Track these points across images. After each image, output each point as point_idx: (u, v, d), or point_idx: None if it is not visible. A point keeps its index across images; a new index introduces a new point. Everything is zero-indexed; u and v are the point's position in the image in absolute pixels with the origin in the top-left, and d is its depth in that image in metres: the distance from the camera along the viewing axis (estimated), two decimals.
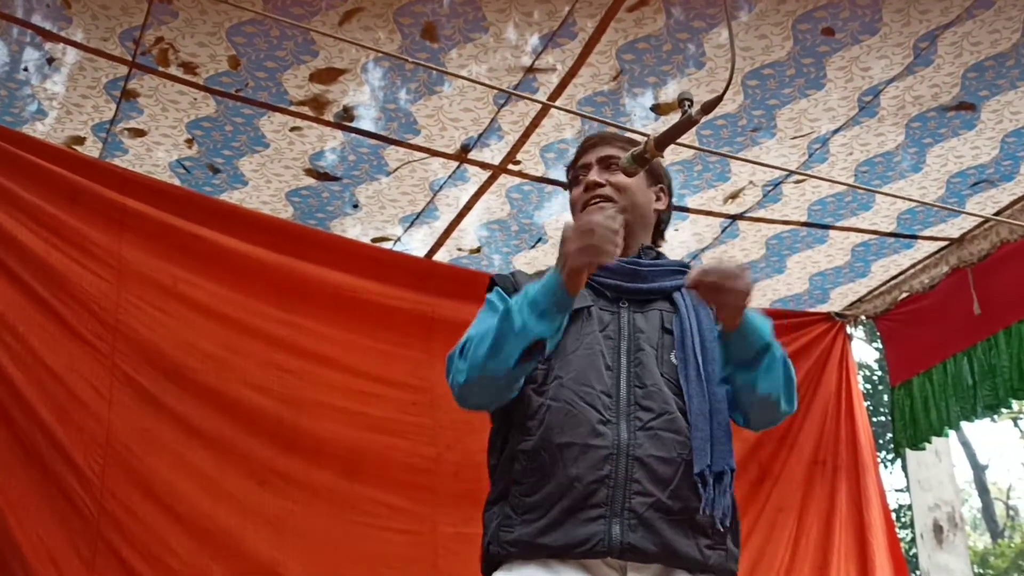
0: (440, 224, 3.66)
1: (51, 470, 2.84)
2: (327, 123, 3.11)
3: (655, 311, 1.92)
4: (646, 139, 1.86)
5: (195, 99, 3.00)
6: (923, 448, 4.40)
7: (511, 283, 1.97)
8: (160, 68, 2.87)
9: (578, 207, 2.04)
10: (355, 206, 3.50)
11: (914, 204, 3.60)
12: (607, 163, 2.02)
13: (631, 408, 1.80)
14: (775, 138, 3.26)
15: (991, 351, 3.83)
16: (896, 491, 13.51)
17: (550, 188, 3.48)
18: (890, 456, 12.59)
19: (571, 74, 2.95)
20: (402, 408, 3.41)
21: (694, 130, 2.79)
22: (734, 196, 3.56)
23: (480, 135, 3.18)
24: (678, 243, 3.80)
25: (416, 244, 3.77)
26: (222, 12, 2.67)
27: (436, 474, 3.39)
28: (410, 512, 3.33)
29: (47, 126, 3.11)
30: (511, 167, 3.36)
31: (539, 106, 3.05)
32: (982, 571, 15.53)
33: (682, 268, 1.99)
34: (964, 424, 4.13)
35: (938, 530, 6.07)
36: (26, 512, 2.79)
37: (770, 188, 3.53)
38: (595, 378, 1.82)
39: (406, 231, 3.67)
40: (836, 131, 3.24)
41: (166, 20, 2.71)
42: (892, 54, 2.92)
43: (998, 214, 3.67)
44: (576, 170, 2.09)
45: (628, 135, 2.20)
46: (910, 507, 8.64)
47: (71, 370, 2.93)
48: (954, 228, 3.89)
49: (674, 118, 1.95)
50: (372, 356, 3.43)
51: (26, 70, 2.89)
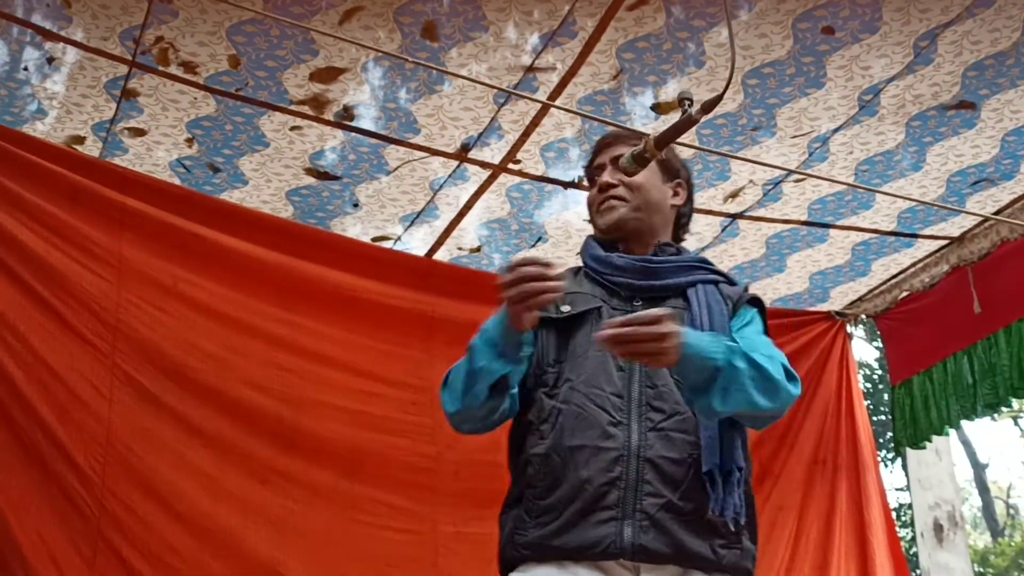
0: (440, 223, 3.66)
1: (51, 469, 2.84)
2: (327, 122, 3.11)
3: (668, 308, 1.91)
4: (645, 138, 1.86)
5: (195, 98, 3.00)
6: (923, 447, 4.39)
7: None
8: (160, 67, 2.87)
9: (594, 208, 2.05)
10: (355, 205, 3.50)
11: (914, 203, 3.60)
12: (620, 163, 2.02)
13: (642, 409, 1.80)
14: (775, 137, 3.26)
15: (991, 350, 3.83)
16: (896, 490, 13.52)
17: (550, 187, 3.48)
18: (890, 455, 12.58)
19: (571, 73, 2.94)
20: (402, 407, 3.41)
21: (694, 129, 2.79)
22: (734, 195, 3.56)
23: (480, 134, 3.18)
24: None
25: (416, 243, 3.77)
26: (222, 11, 2.67)
27: (436, 473, 3.39)
28: (410, 511, 3.33)
29: (47, 125, 3.11)
30: (511, 166, 3.36)
31: (539, 105, 3.05)
32: (982, 570, 15.54)
33: (698, 263, 1.99)
34: (964, 423, 4.13)
35: (938, 529, 6.06)
36: (26, 511, 2.78)
37: (770, 187, 3.53)
38: (605, 380, 1.82)
39: (406, 230, 3.67)
40: (836, 130, 3.24)
41: (166, 19, 2.71)
42: (892, 53, 2.92)
43: (998, 213, 3.67)
44: (591, 171, 2.10)
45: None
46: (910, 506, 8.64)
47: (71, 369, 2.93)
48: (954, 227, 3.89)
49: (674, 117, 1.95)
50: (372, 355, 3.43)
51: (26, 69, 2.89)
